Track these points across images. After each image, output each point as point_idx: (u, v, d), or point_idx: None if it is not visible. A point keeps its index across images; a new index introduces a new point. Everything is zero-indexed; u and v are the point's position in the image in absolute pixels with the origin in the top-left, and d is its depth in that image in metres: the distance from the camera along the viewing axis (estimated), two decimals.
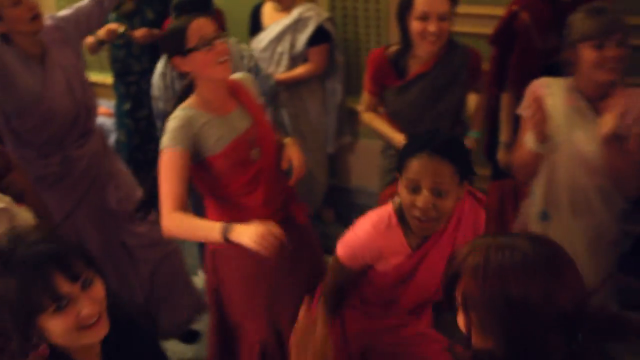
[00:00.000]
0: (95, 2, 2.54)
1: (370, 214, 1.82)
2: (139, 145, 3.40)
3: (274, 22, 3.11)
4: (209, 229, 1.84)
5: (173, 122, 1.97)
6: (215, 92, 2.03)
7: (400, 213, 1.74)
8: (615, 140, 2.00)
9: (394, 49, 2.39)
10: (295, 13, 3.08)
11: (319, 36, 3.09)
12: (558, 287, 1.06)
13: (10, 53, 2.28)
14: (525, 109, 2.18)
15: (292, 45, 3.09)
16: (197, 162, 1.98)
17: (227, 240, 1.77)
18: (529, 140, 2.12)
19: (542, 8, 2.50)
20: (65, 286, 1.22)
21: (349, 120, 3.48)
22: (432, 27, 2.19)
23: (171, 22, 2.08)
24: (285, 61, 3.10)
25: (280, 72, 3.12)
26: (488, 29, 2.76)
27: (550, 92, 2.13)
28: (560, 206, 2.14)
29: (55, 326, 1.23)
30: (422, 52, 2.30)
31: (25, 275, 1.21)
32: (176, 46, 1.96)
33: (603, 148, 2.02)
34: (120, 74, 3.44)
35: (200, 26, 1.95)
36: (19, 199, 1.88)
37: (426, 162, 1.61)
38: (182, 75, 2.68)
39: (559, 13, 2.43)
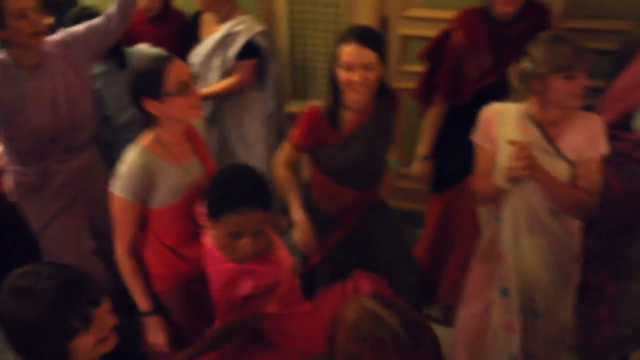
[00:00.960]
0: (106, 20, 2.48)
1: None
2: None
3: (209, 36, 3.03)
4: (140, 299, 2.10)
5: (128, 169, 1.95)
6: (177, 136, 2.02)
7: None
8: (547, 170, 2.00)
9: (325, 103, 2.31)
10: (225, 28, 2.99)
11: (249, 50, 2.99)
12: None
13: None
14: (479, 138, 2.17)
15: (225, 60, 3.02)
16: (148, 208, 2.02)
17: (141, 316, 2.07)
18: (498, 178, 2.09)
19: (478, 29, 2.47)
20: (90, 308, 1.39)
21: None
22: (356, 76, 2.14)
23: (142, 61, 2.02)
24: (217, 77, 3.03)
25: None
26: None
27: (502, 121, 2.11)
28: (521, 229, 2.15)
29: (85, 343, 1.40)
30: (351, 102, 2.24)
31: (56, 305, 1.35)
32: (152, 89, 1.89)
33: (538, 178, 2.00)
34: None
35: (178, 70, 1.91)
36: None
37: (248, 216, 1.73)
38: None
39: (494, 36, 2.43)
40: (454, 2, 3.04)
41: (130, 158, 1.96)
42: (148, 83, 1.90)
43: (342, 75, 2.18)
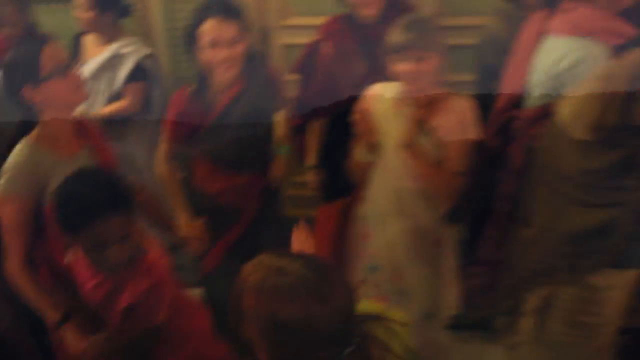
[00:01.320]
0: None
1: None
2: None
3: (92, 59, 2.97)
4: (50, 311, 1.87)
5: (14, 163, 1.84)
6: (64, 127, 1.91)
7: None
8: (418, 148, 2.07)
9: (191, 87, 2.26)
10: (111, 49, 2.94)
11: (138, 73, 2.95)
12: (321, 312, 1.14)
13: None
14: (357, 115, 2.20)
15: (111, 84, 2.96)
16: (46, 205, 1.87)
17: (57, 327, 1.84)
18: (357, 150, 2.16)
19: (345, 36, 2.44)
20: None
21: None
22: (223, 53, 2.09)
23: (14, 50, 1.90)
24: (103, 100, 2.97)
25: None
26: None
27: (381, 100, 2.16)
28: (387, 209, 2.21)
29: None
30: (221, 81, 2.18)
31: None
32: (28, 75, 1.81)
33: (407, 155, 2.08)
34: None
35: (54, 52, 1.84)
36: None
37: (107, 224, 1.62)
38: None
39: (363, 40, 2.40)
40: (334, 8, 3.09)
41: (15, 152, 1.87)
42: (25, 69, 1.82)
43: (208, 54, 2.11)
